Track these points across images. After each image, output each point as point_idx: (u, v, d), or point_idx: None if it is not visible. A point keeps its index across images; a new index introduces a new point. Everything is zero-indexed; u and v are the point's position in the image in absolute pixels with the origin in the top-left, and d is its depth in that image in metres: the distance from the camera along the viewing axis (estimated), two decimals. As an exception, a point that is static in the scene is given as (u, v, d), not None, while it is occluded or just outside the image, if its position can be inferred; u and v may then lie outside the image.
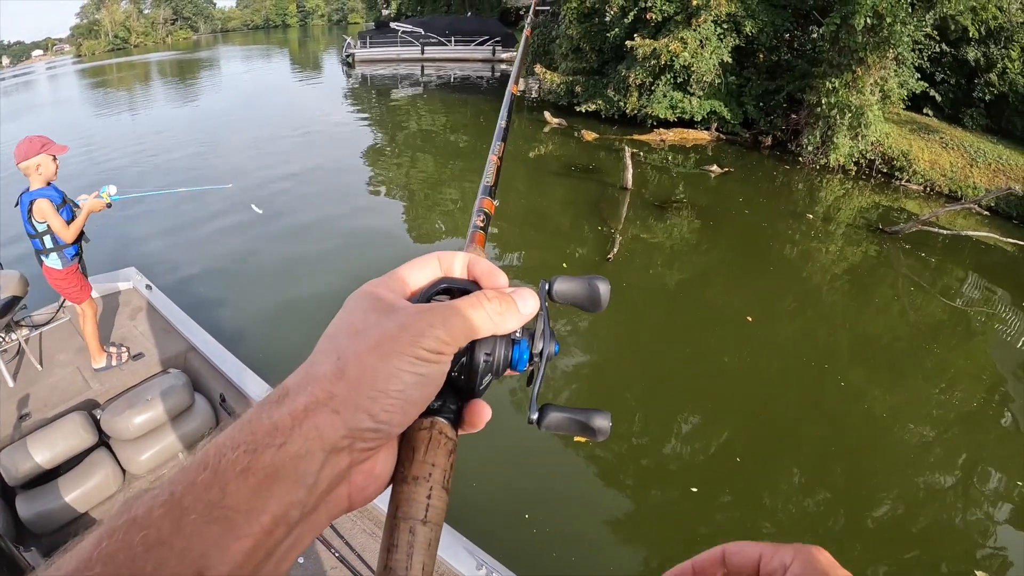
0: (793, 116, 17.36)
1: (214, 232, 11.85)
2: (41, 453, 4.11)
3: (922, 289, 10.34)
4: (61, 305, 5.90)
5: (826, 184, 15.58)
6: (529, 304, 0.55)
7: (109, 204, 5.11)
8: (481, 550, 3.30)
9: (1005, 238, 11.69)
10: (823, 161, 15.96)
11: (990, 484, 6.13)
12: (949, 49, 17.70)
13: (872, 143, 15.69)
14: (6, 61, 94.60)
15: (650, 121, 18.80)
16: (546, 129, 19.99)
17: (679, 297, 9.89)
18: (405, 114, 25.16)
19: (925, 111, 18.43)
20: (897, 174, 15.59)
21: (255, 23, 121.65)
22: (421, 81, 34.08)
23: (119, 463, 4.42)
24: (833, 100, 15.17)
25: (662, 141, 18.69)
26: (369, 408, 0.43)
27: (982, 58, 17.32)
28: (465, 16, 46.11)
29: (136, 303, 6.23)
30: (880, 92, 15.43)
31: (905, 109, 17.73)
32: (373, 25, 54.62)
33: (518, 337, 0.55)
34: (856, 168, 16.15)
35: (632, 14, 17.80)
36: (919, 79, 16.57)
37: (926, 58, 17.47)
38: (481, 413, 0.53)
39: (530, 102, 23.73)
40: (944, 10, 14.84)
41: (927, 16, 14.77)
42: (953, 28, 16.49)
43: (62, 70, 64.83)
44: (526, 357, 0.55)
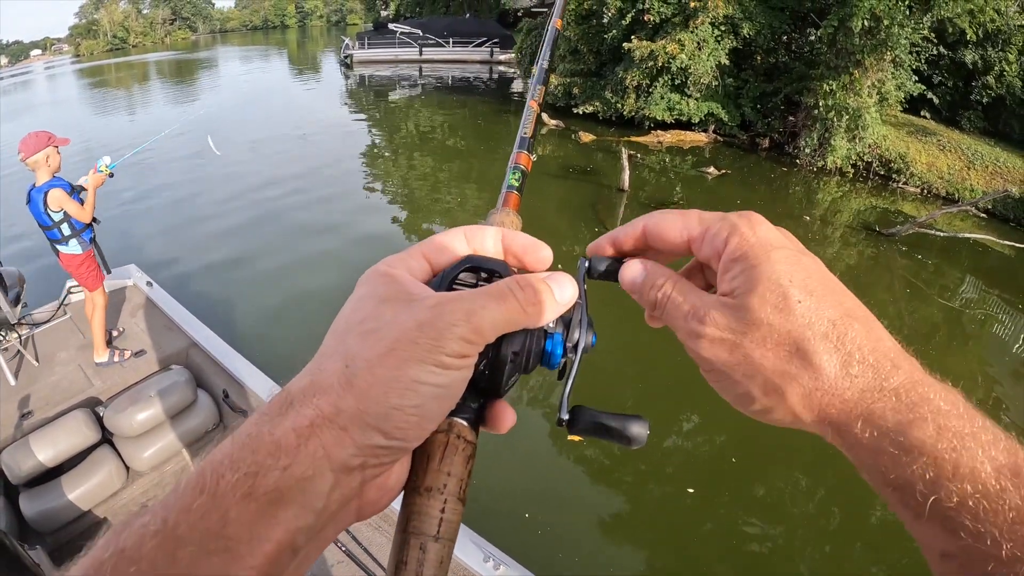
0: (791, 118, 17.37)
1: (213, 230, 11.85)
2: (44, 451, 4.12)
3: (919, 291, 10.35)
4: (61, 303, 5.92)
5: (823, 186, 15.59)
6: (568, 291, 0.49)
7: (111, 174, 5.26)
8: (488, 542, 3.31)
9: (1002, 240, 11.71)
10: (820, 163, 16.00)
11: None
12: (947, 52, 17.73)
13: (869, 145, 15.73)
14: (4, 61, 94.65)
15: (647, 123, 18.84)
16: (543, 130, 19.93)
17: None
18: (403, 115, 25.15)
19: (923, 113, 18.49)
20: (894, 176, 15.63)
21: (254, 24, 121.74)
22: (419, 82, 34.07)
23: (122, 460, 4.43)
24: (831, 102, 15.19)
25: (659, 143, 18.70)
26: (381, 426, 0.39)
27: (980, 61, 17.35)
28: (463, 17, 46.14)
29: (137, 300, 6.23)
30: (878, 94, 15.47)
31: (903, 111, 17.77)
32: (371, 26, 54.60)
33: (551, 329, 0.49)
34: (853, 170, 16.17)
35: (630, 16, 17.80)
36: (917, 81, 16.63)
37: (924, 60, 17.50)
38: (505, 416, 0.49)
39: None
40: (941, 13, 14.85)
41: (924, 19, 14.79)
42: (951, 31, 16.48)
43: (60, 70, 64.82)
44: (560, 352, 0.49)
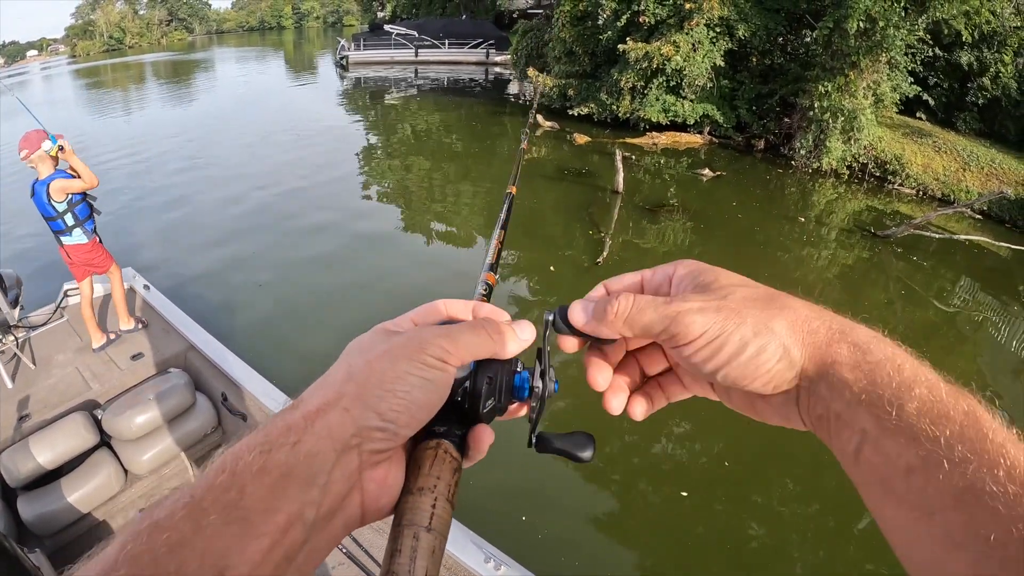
0: (786, 120, 17.42)
1: (210, 233, 11.87)
2: (42, 454, 4.11)
3: (914, 292, 10.40)
4: (58, 306, 5.92)
5: (819, 188, 15.63)
6: (527, 331, 0.59)
7: (60, 148, 5.09)
8: (488, 543, 3.32)
9: (997, 242, 11.75)
10: (816, 164, 16.02)
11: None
12: (942, 53, 17.80)
13: (865, 147, 15.77)
14: (1, 61, 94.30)
15: (643, 124, 18.84)
16: (538, 132, 19.95)
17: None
18: (399, 117, 25.13)
19: (918, 115, 18.56)
20: (890, 178, 15.67)
21: (250, 25, 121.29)
22: (415, 83, 34.06)
23: (121, 463, 4.42)
24: (826, 104, 15.21)
25: (655, 144, 18.71)
26: (376, 406, 0.47)
27: (975, 62, 17.42)
28: (459, 19, 46.12)
29: (134, 303, 6.22)
30: (873, 96, 15.52)
31: (898, 113, 17.80)
32: (367, 28, 54.57)
33: (520, 369, 0.59)
34: (849, 172, 16.19)
35: (625, 17, 17.83)
36: (912, 83, 16.67)
37: (919, 62, 17.56)
38: (484, 437, 0.56)
39: (523, 105, 23.72)
40: (937, 14, 14.90)
41: (920, 20, 14.82)
42: (946, 32, 16.57)
43: (57, 70, 64.65)
44: (527, 387, 0.58)
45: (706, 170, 15.83)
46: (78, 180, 5.08)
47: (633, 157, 16.89)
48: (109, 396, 4.89)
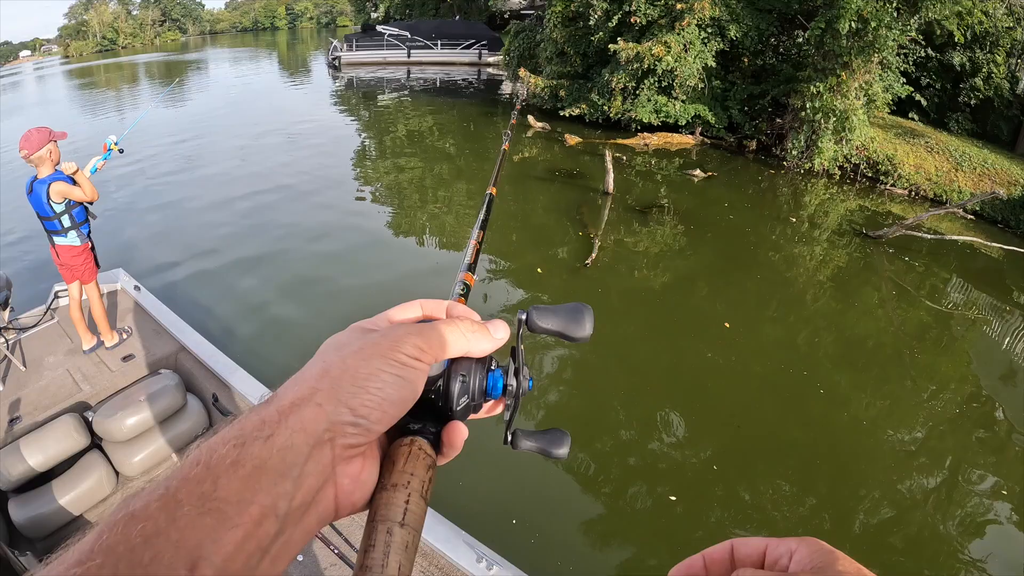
0: (778, 120, 17.43)
1: (201, 234, 11.82)
2: (33, 456, 4.09)
3: (906, 293, 10.42)
4: (49, 308, 5.90)
5: (811, 188, 15.66)
6: (500, 331, 0.60)
7: (121, 150, 5.62)
8: (480, 543, 3.32)
9: (989, 242, 11.83)
10: (808, 165, 16.05)
11: (973, 489, 6.18)
12: (935, 54, 17.88)
13: (857, 147, 15.82)
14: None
15: (634, 125, 18.84)
16: (529, 133, 19.91)
17: (660, 302, 9.78)
18: (392, 118, 25.05)
19: (911, 115, 18.61)
20: (882, 178, 15.73)
21: (244, 25, 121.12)
22: (407, 84, 34.00)
23: (112, 465, 4.41)
24: (818, 104, 15.22)
25: (646, 145, 18.70)
26: (349, 402, 0.48)
27: (967, 62, 17.50)
28: (452, 20, 46.10)
29: (125, 304, 6.21)
30: (865, 96, 15.53)
31: (890, 113, 17.90)
32: (360, 28, 54.48)
33: (494, 368, 0.60)
34: (841, 172, 16.24)
35: (616, 18, 17.79)
36: (904, 83, 16.74)
37: (911, 62, 17.65)
38: (458, 432, 0.57)
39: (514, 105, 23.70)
40: (929, 15, 14.96)
41: (912, 21, 14.88)
42: (938, 33, 16.62)
43: (50, 71, 64.36)
44: (500, 384, 0.59)
45: (697, 171, 15.82)
46: (78, 189, 5.09)
47: (624, 158, 16.91)
48: (100, 398, 4.88)
